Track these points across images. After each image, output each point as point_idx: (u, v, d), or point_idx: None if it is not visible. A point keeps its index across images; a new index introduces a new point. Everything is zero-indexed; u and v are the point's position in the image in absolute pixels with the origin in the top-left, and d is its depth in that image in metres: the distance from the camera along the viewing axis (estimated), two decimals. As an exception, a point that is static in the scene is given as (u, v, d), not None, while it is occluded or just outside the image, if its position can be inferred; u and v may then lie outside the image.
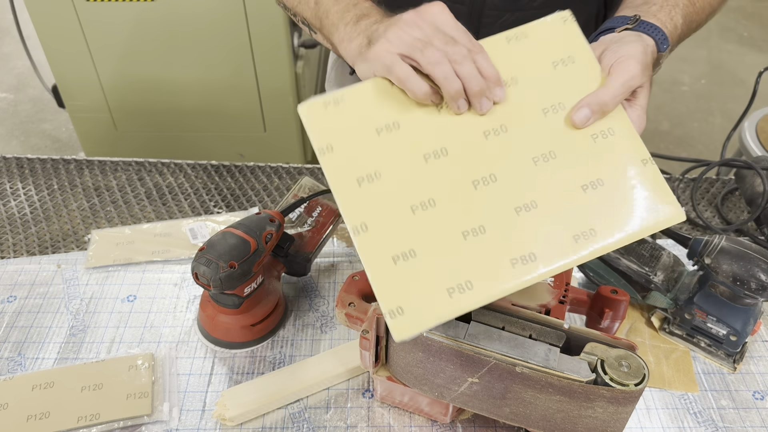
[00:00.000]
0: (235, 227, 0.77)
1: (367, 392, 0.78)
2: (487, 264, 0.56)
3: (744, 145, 1.61)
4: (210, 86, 1.79)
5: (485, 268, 0.56)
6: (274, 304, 0.82)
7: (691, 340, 0.83)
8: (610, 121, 0.61)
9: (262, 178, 1.09)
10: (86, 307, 0.86)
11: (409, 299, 0.55)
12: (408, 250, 0.56)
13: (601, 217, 0.58)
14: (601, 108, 0.60)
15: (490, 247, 0.57)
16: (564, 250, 0.57)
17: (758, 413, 0.77)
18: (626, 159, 0.60)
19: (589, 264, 0.88)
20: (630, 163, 0.60)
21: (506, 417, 0.66)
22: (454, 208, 0.58)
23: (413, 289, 0.55)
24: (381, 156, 0.59)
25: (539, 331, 0.64)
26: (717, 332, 0.80)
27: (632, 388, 0.59)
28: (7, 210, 1.01)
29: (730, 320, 0.79)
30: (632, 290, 0.85)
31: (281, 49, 1.71)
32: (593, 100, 0.60)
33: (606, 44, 0.65)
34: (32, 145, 2.51)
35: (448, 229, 0.57)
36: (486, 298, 0.55)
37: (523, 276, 0.56)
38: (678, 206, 0.59)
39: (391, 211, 0.58)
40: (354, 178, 0.59)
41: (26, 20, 1.69)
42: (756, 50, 3.05)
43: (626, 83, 0.61)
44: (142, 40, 1.69)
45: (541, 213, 0.58)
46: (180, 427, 0.74)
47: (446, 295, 0.55)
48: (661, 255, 0.84)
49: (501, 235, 0.57)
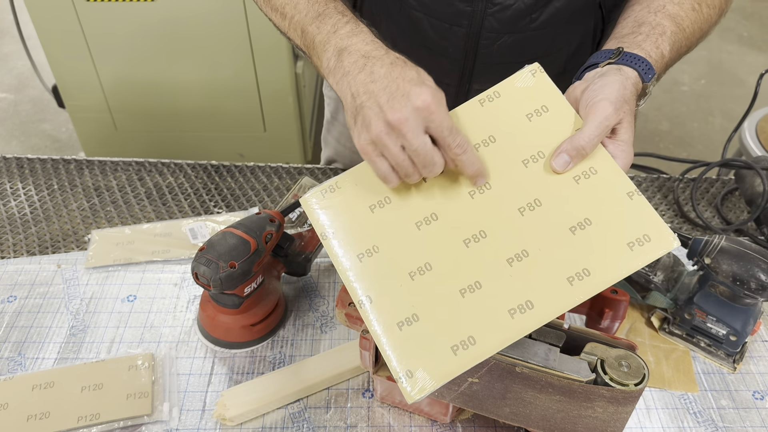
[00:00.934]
0: (235, 227, 0.77)
1: (367, 392, 0.78)
2: (486, 317, 0.59)
3: (744, 145, 1.61)
4: (210, 86, 1.79)
5: (485, 322, 0.58)
6: (274, 304, 0.82)
7: (691, 340, 0.83)
8: (590, 161, 0.63)
9: (262, 178, 1.09)
10: (86, 307, 0.86)
11: (417, 362, 0.58)
12: (411, 315, 0.59)
13: (593, 256, 0.59)
14: (579, 152, 0.62)
15: (488, 301, 0.59)
16: (560, 295, 0.58)
17: (758, 413, 0.77)
18: (612, 195, 0.61)
19: None
20: (616, 199, 0.61)
21: (506, 417, 0.66)
22: (449, 268, 0.61)
23: (420, 352, 0.58)
24: (377, 231, 0.63)
25: (539, 331, 0.64)
26: (717, 332, 0.80)
27: (632, 388, 0.59)
28: (7, 210, 1.01)
29: (729, 320, 0.79)
30: (632, 290, 0.85)
31: (281, 49, 1.71)
32: (570, 145, 0.62)
33: (588, 81, 0.66)
34: (32, 145, 2.51)
35: (446, 289, 0.60)
36: (489, 351, 0.58)
37: (522, 324, 0.58)
38: (669, 233, 0.60)
39: (392, 280, 0.61)
40: (355, 255, 0.63)
41: (26, 20, 1.69)
42: (756, 50, 3.05)
43: (601, 125, 0.62)
44: (143, 40, 1.69)
45: (533, 261, 0.60)
46: (180, 427, 0.74)
47: (451, 354, 0.58)
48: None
49: (497, 288, 0.59)
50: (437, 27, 0.87)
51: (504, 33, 0.85)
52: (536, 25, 0.85)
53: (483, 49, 0.87)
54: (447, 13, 0.85)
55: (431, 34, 0.88)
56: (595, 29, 0.91)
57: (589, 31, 0.90)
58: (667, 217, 1.04)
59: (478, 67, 0.89)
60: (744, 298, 0.77)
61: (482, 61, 0.89)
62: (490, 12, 0.83)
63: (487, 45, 0.87)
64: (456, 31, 0.86)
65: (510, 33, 0.85)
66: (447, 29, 0.87)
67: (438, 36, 0.87)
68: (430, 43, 0.89)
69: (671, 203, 1.06)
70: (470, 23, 0.85)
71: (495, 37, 0.86)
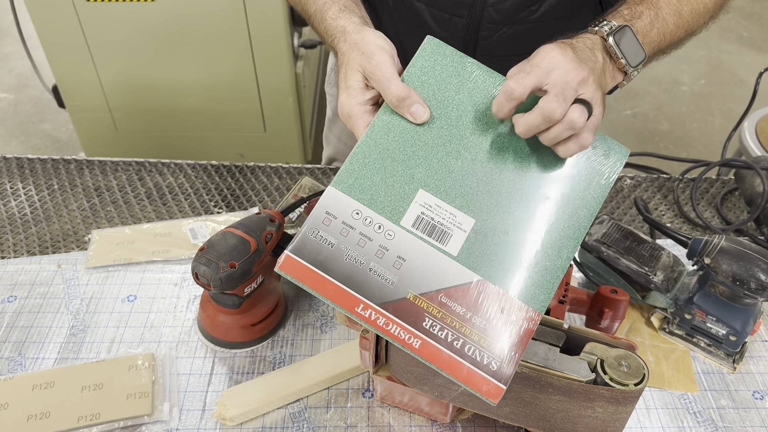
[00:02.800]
0: (235, 227, 0.77)
1: (367, 392, 0.78)
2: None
3: (744, 145, 1.61)
4: (210, 86, 1.79)
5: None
6: (274, 304, 0.82)
7: (691, 340, 0.83)
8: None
9: (262, 178, 1.09)
10: (86, 307, 0.87)
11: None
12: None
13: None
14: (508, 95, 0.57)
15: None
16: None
17: (758, 413, 0.77)
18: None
19: (589, 263, 0.88)
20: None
21: (506, 416, 0.66)
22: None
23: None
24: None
25: (539, 331, 0.64)
26: (717, 332, 0.80)
27: (632, 387, 0.59)
28: (7, 210, 1.01)
29: (729, 320, 0.79)
30: (632, 290, 0.85)
31: (281, 49, 1.71)
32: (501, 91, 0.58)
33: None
34: (32, 146, 2.51)
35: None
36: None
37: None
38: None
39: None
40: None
41: (26, 20, 1.69)
42: (756, 50, 3.05)
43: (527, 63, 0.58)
44: (143, 40, 1.69)
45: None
46: (180, 426, 0.74)
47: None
48: (660, 255, 0.84)
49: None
50: (438, 17, 0.88)
51: (503, 24, 0.86)
52: (535, 17, 0.86)
53: (483, 41, 0.88)
54: (448, 4, 0.86)
55: (432, 25, 0.89)
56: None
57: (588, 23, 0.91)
58: (667, 218, 1.04)
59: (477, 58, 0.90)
60: (744, 298, 0.77)
61: (482, 53, 0.90)
62: (489, 3, 0.84)
63: (487, 36, 0.88)
64: (456, 22, 0.87)
65: (509, 24, 0.87)
66: (447, 20, 0.87)
67: (439, 26, 0.88)
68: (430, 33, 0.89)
69: (671, 203, 1.06)
70: (470, 14, 0.86)
71: (494, 28, 0.87)
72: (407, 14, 0.90)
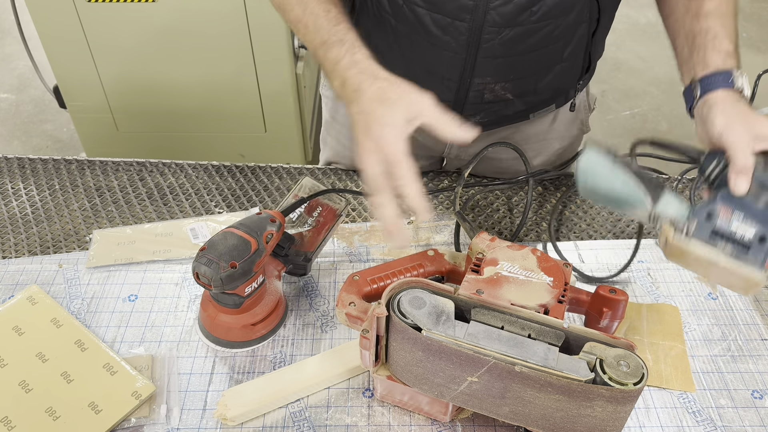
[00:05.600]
0: (235, 227, 0.77)
1: (367, 391, 0.78)
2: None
3: (743, 145, 1.60)
4: (211, 87, 1.79)
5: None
6: (274, 303, 0.83)
7: (713, 246, 0.70)
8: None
9: (263, 178, 1.09)
10: (87, 307, 0.87)
11: None
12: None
13: None
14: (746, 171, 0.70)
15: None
16: None
17: (757, 412, 0.77)
18: None
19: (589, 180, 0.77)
20: None
21: (506, 416, 0.66)
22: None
23: None
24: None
25: (538, 331, 0.64)
26: (742, 236, 0.69)
27: (631, 387, 0.59)
28: (8, 210, 1.01)
29: (759, 218, 0.68)
30: (642, 192, 0.73)
31: (282, 50, 1.72)
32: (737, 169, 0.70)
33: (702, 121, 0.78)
34: (34, 146, 2.52)
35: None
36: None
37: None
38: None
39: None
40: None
41: (27, 21, 1.70)
42: (755, 51, 3.05)
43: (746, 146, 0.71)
44: (144, 40, 1.69)
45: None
46: (181, 426, 0.74)
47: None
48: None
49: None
50: (440, 22, 0.88)
51: (506, 27, 0.87)
52: (536, 18, 0.86)
53: (485, 44, 0.88)
54: (450, 8, 0.86)
55: (434, 29, 0.89)
56: (591, 19, 0.92)
57: (584, 21, 0.92)
58: (667, 218, 1.04)
59: (479, 61, 0.91)
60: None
61: (484, 55, 0.90)
62: (492, 6, 0.84)
63: (489, 39, 0.88)
64: (458, 26, 0.87)
65: (511, 26, 0.87)
66: (449, 24, 0.87)
67: (440, 31, 0.88)
68: (432, 38, 0.89)
69: (671, 203, 1.06)
70: (473, 17, 0.86)
71: (497, 31, 0.87)
72: (408, 19, 0.90)
